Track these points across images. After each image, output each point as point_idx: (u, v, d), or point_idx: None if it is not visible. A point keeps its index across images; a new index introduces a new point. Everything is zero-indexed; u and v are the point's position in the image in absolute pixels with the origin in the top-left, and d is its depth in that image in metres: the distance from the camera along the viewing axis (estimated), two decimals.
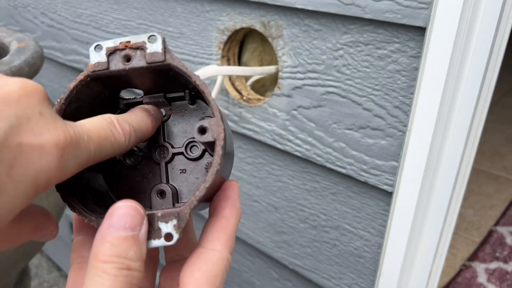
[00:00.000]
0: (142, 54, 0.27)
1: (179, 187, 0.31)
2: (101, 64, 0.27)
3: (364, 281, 0.62)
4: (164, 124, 0.32)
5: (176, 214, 0.25)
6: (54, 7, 0.92)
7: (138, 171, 0.32)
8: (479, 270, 1.23)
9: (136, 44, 0.27)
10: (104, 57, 0.27)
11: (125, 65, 0.27)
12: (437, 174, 0.51)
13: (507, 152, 1.84)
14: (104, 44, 0.27)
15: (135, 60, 0.27)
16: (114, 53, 0.27)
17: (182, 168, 0.32)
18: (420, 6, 0.44)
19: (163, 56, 0.27)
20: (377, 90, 0.50)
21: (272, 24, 0.56)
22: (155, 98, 0.32)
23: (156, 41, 0.27)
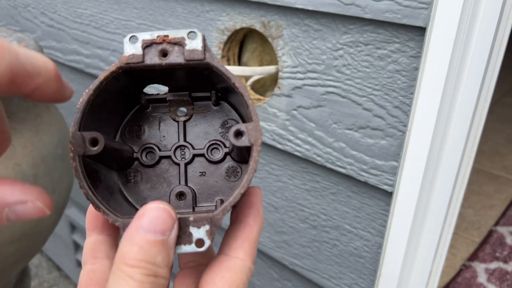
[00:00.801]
0: (180, 50, 0.25)
1: (198, 189, 0.30)
2: (136, 56, 0.25)
3: (364, 281, 0.62)
4: (185, 123, 0.31)
5: (209, 219, 0.24)
6: (54, 7, 0.92)
7: (155, 170, 0.31)
8: (479, 270, 1.23)
9: (175, 39, 0.25)
10: (139, 49, 0.25)
11: (161, 60, 0.26)
12: (437, 174, 0.51)
13: (507, 152, 1.84)
14: (140, 36, 0.26)
15: (172, 56, 0.26)
16: (150, 46, 0.26)
17: (202, 171, 0.31)
18: (420, 6, 0.44)
19: (202, 55, 0.25)
20: (377, 90, 0.50)
21: (272, 24, 0.56)
22: (180, 96, 0.30)
23: (196, 38, 0.25)
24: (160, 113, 0.31)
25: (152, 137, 0.31)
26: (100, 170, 0.28)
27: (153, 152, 0.30)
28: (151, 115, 0.31)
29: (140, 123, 0.31)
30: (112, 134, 0.30)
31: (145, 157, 0.30)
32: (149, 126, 0.31)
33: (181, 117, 0.31)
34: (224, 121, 0.31)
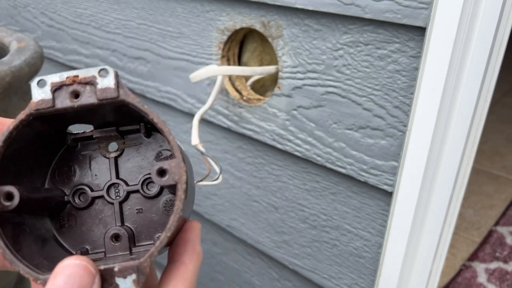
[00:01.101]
0: (92, 90, 0.24)
1: (136, 228, 0.29)
2: (45, 101, 0.24)
3: (364, 281, 0.62)
4: (117, 159, 0.30)
5: (135, 268, 0.23)
6: (54, 7, 0.92)
7: (89, 212, 0.29)
8: (479, 270, 1.23)
9: (85, 79, 0.24)
10: (49, 93, 0.24)
11: (73, 102, 0.24)
12: (437, 174, 0.51)
13: (507, 152, 1.84)
14: (48, 79, 0.24)
15: (84, 97, 0.24)
16: (60, 89, 0.24)
17: (139, 208, 0.29)
18: (420, 6, 0.44)
19: (116, 92, 0.24)
20: (377, 90, 0.50)
21: (272, 24, 0.56)
22: (107, 132, 0.29)
23: (108, 75, 0.24)
24: (90, 151, 0.30)
25: (84, 177, 0.30)
26: (25, 221, 0.27)
27: (86, 193, 0.29)
28: (80, 154, 0.30)
29: (70, 164, 0.30)
30: (40, 180, 0.29)
31: (78, 199, 0.29)
32: (79, 166, 0.30)
33: (112, 153, 0.30)
34: (158, 152, 0.30)
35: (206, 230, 0.85)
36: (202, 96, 0.70)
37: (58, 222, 0.29)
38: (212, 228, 0.83)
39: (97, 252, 0.28)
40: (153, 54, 0.75)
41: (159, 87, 0.77)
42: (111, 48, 0.83)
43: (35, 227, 0.27)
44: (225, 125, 0.68)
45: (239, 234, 0.77)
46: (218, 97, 0.66)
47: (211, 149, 0.74)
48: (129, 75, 0.82)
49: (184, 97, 0.73)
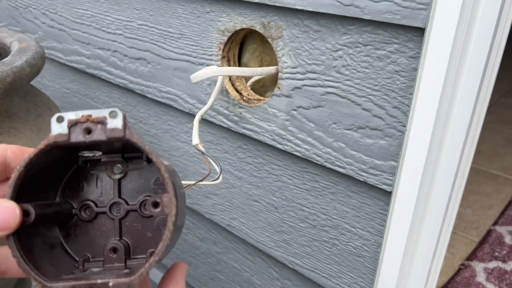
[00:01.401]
0: (103, 128, 0.28)
1: (132, 242, 0.33)
2: (62, 135, 0.28)
3: (363, 280, 0.63)
4: (120, 180, 0.33)
5: (127, 284, 0.26)
6: (55, 7, 0.92)
7: (93, 225, 0.33)
8: (478, 270, 1.23)
9: (98, 119, 0.28)
10: (65, 128, 0.28)
11: (85, 137, 0.28)
12: (436, 174, 0.51)
13: (506, 152, 1.85)
14: (66, 116, 0.28)
15: (95, 134, 0.28)
16: (76, 125, 0.28)
17: (136, 224, 0.33)
18: (419, 7, 0.44)
19: (122, 133, 0.28)
20: (376, 91, 0.51)
21: (272, 25, 0.57)
22: (113, 158, 0.33)
23: (117, 117, 0.28)
24: (98, 171, 0.34)
25: (91, 193, 0.33)
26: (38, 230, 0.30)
27: (91, 208, 0.33)
28: (89, 172, 0.34)
29: (79, 181, 0.33)
30: (53, 194, 0.33)
31: (84, 213, 0.33)
32: (87, 183, 0.34)
33: (116, 175, 0.33)
34: (157, 177, 0.34)
35: (206, 229, 0.85)
36: (203, 97, 0.70)
37: (66, 231, 0.33)
38: (212, 227, 0.84)
39: (97, 261, 0.32)
40: (154, 54, 0.75)
41: (159, 87, 0.77)
42: (112, 48, 0.83)
43: (46, 235, 0.31)
44: (225, 125, 0.68)
45: (239, 234, 0.77)
46: (219, 97, 0.67)
47: (211, 149, 0.74)
48: (130, 76, 0.82)
49: (184, 98, 0.73)
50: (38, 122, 0.70)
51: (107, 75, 0.87)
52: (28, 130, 0.67)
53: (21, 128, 0.67)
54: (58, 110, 0.78)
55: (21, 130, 0.66)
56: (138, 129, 0.88)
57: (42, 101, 0.75)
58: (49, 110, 0.74)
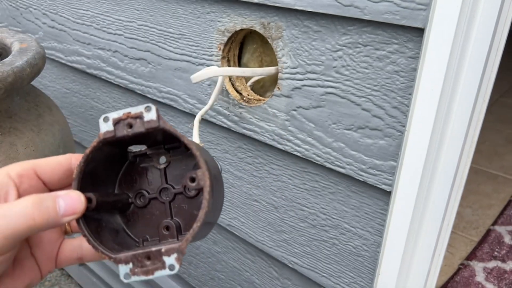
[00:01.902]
0: (141, 122, 0.33)
1: (182, 221, 0.37)
2: (109, 132, 0.33)
3: (363, 279, 0.63)
4: (165, 169, 0.38)
5: (176, 249, 0.31)
6: (55, 8, 0.92)
7: (147, 209, 0.38)
8: (477, 269, 1.23)
9: (136, 114, 0.33)
10: (111, 126, 0.33)
11: (127, 131, 0.33)
12: (436, 174, 0.51)
13: (506, 151, 1.85)
14: (110, 116, 0.33)
15: (135, 127, 0.33)
16: (119, 122, 0.33)
17: (183, 205, 0.38)
18: (419, 8, 0.44)
19: (157, 123, 0.33)
20: (376, 91, 0.51)
21: (272, 25, 0.57)
22: (157, 149, 0.38)
23: (151, 111, 0.33)
24: (146, 164, 0.39)
25: (142, 183, 0.39)
26: (102, 218, 0.36)
27: (144, 196, 0.38)
28: (139, 166, 0.39)
29: (132, 174, 0.39)
30: (112, 187, 0.38)
31: (139, 200, 0.38)
32: (139, 176, 0.39)
33: (162, 165, 0.38)
34: (195, 163, 0.37)
35: None
36: (203, 97, 0.70)
37: (126, 218, 0.38)
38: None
39: (154, 239, 0.37)
40: (154, 55, 0.75)
41: (160, 87, 0.77)
42: (113, 49, 0.83)
43: (109, 222, 0.37)
44: (226, 125, 0.69)
45: (239, 233, 0.77)
46: (219, 97, 0.67)
47: (212, 149, 0.75)
48: (130, 76, 0.82)
49: (185, 98, 0.73)
50: (39, 122, 0.70)
51: (107, 75, 0.88)
52: (29, 130, 0.67)
53: (21, 128, 0.67)
54: (59, 110, 0.78)
55: (22, 130, 0.67)
56: None
57: (42, 101, 0.75)
58: (49, 110, 0.74)
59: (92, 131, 1.03)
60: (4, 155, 0.62)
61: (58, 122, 0.75)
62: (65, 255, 0.37)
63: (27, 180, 0.33)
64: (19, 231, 0.29)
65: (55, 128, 0.73)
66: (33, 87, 0.77)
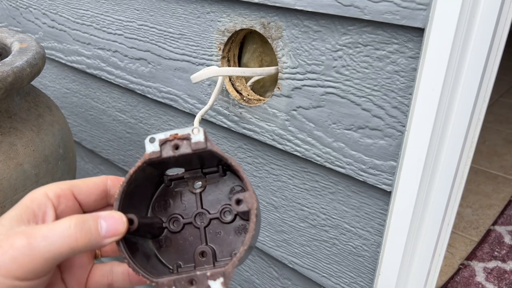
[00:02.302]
0: (188, 143, 0.33)
1: (217, 247, 0.37)
2: (155, 153, 0.33)
3: (363, 279, 0.63)
4: (201, 194, 0.38)
5: (222, 273, 0.30)
6: (55, 8, 0.92)
7: (181, 235, 0.37)
8: (477, 269, 1.23)
9: (183, 136, 0.33)
10: (157, 147, 0.33)
11: (174, 152, 0.33)
12: (436, 174, 0.51)
13: (506, 151, 1.85)
14: (156, 137, 0.33)
15: (182, 148, 0.33)
16: (165, 143, 0.33)
17: (218, 231, 0.37)
18: (419, 7, 0.44)
19: (205, 144, 0.33)
20: (376, 91, 0.51)
21: (272, 25, 0.57)
22: (194, 173, 0.38)
23: (199, 133, 0.33)
24: (181, 188, 0.38)
25: (176, 208, 0.38)
26: (138, 241, 0.35)
27: (178, 220, 0.37)
28: (173, 190, 0.38)
29: (166, 198, 0.38)
30: (145, 210, 0.38)
31: (172, 225, 0.37)
32: (173, 200, 0.38)
33: (197, 189, 0.38)
34: (231, 188, 0.38)
35: None
36: (203, 97, 0.70)
37: (158, 243, 0.37)
38: None
39: (188, 266, 0.36)
40: (154, 55, 0.75)
41: (160, 87, 0.77)
42: (113, 49, 0.83)
43: (143, 246, 0.36)
44: (226, 125, 0.69)
45: None
46: (219, 97, 0.67)
47: None
48: (130, 76, 0.82)
49: (185, 98, 0.73)
50: (39, 122, 0.70)
51: (107, 75, 0.88)
52: (29, 130, 0.67)
53: (21, 128, 0.67)
54: (59, 110, 0.78)
55: (22, 130, 0.67)
56: (138, 129, 0.88)
57: (42, 101, 0.75)
58: (49, 110, 0.74)
59: (92, 131, 1.03)
60: (4, 155, 0.62)
61: (58, 122, 0.75)
62: (95, 280, 0.36)
63: (64, 201, 0.33)
64: (60, 252, 0.29)
65: (55, 128, 0.73)
66: (33, 87, 0.77)
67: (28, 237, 0.28)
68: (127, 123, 0.90)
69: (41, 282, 0.30)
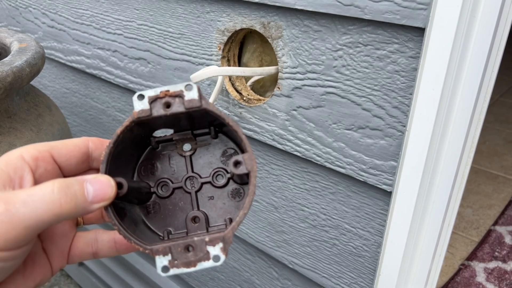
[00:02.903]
0: (181, 101, 0.30)
1: (208, 212, 0.35)
2: (144, 111, 0.30)
3: (363, 280, 0.63)
4: (191, 157, 0.36)
5: (222, 238, 0.29)
6: (55, 7, 0.92)
7: (170, 200, 0.35)
8: (478, 270, 1.23)
9: (175, 93, 0.30)
10: (147, 104, 0.30)
11: (166, 111, 0.30)
12: (436, 174, 0.51)
13: (506, 152, 1.85)
14: (146, 93, 0.30)
15: (174, 106, 0.30)
16: (155, 101, 0.30)
17: (210, 195, 0.35)
18: (419, 7, 0.44)
19: (199, 102, 0.30)
20: (376, 91, 0.51)
21: (272, 24, 0.57)
22: (184, 135, 0.35)
23: (192, 89, 0.30)
24: (169, 151, 0.36)
25: (165, 172, 0.36)
26: (125, 207, 0.33)
27: (167, 185, 0.35)
28: (161, 153, 0.36)
29: (153, 162, 0.36)
30: (130, 174, 0.35)
31: (161, 190, 0.35)
32: (161, 163, 0.36)
33: (187, 152, 0.36)
34: (223, 150, 0.36)
35: None
36: None
37: (146, 210, 0.35)
38: None
39: (180, 232, 0.34)
40: (154, 54, 0.75)
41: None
42: (112, 48, 0.83)
43: (130, 212, 0.34)
44: None
45: (239, 234, 0.77)
46: (219, 97, 0.67)
47: None
48: (130, 76, 0.82)
49: None
50: (38, 122, 0.70)
51: (107, 75, 0.87)
52: (28, 130, 0.67)
53: (21, 128, 0.67)
54: (58, 110, 0.78)
55: (21, 130, 0.66)
56: None
57: (42, 101, 0.75)
58: (49, 110, 0.74)
59: (91, 131, 1.02)
60: None
61: (58, 122, 0.75)
62: (78, 249, 0.34)
63: (43, 164, 0.30)
64: (43, 219, 0.26)
65: (55, 128, 0.73)
66: (32, 87, 0.77)
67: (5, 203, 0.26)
68: None
69: (21, 252, 0.27)
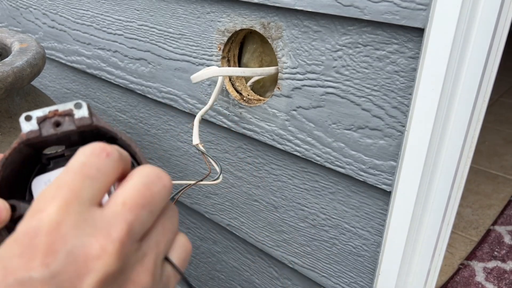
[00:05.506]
0: (71, 119, 0.30)
1: None
2: (33, 132, 0.29)
3: (363, 279, 0.63)
4: None
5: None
6: (55, 8, 0.92)
7: None
8: (477, 269, 1.23)
9: (64, 112, 0.30)
10: (35, 125, 0.29)
11: (56, 130, 0.30)
12: (435, 174, 0.51)
13: (505, 151, 1.85)
14: (33, 114, 0.29)
15: (65, 125, 0.30)
16: (44, 121, 0.30)
17: None
18: (419, 8, 0.44)
19: (90, 120, 0.30)
20: (376, 91, 0.51)
21: (272, 25, 0.57)
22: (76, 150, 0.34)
23: (82, 107, 0.30)
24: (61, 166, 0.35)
25: None
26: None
27: None
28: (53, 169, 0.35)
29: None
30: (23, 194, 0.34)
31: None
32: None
33: None
34: None
35: (206, 229, 0.86)
36: (203, 97, 0.70)
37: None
38: (212, 227, 0.84)
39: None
40: (154, 55, 0.75)
41: (160, 87, 0.77)
42: (113, 49, 0.83)
43: None
44: (226, 125, 0.69)
45: (239, 233, 0.77)
46: (219, 97, 0.67)
47: (212, 149, 0.75)
48: (130, 76, 0.82)
49: (185, 98, 0.73)
50: None
51: (107, 75, 0.88)
52: None
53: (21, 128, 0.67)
54: None
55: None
56: (138, 129, 0.88)
57: (42, 101, 0.75)
58: None
59: None
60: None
61: None
62: None
63: None
64: None
65: None
66: (33, 87, 0.77)
67: None
68: (127, 123, 0.90)
69: None
